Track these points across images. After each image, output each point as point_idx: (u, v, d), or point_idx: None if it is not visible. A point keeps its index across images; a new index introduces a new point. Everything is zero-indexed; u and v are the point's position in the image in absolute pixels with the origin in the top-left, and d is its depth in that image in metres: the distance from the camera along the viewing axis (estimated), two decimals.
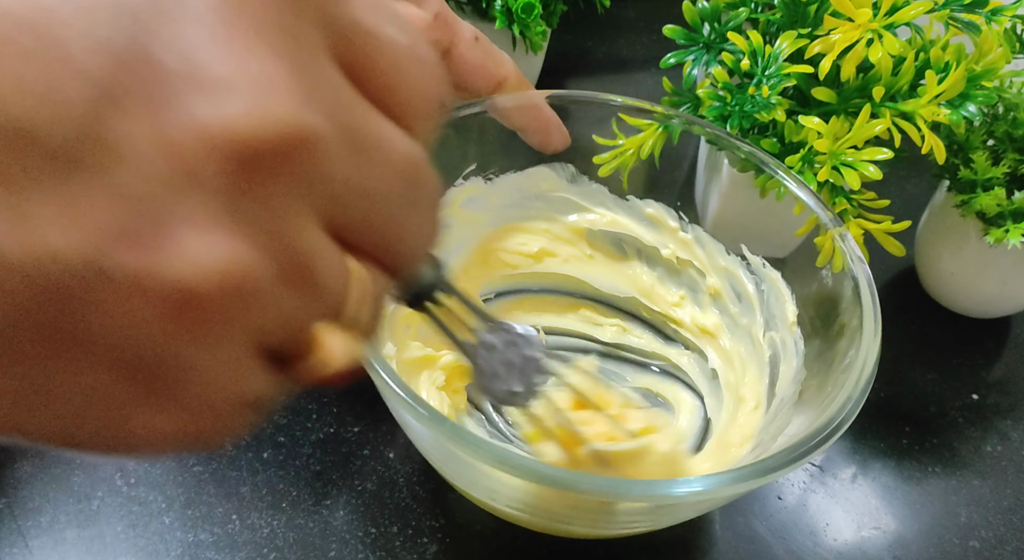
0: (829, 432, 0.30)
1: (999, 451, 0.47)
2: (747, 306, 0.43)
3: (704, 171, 0.46)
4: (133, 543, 0.38)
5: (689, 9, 0.45)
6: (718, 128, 0.42)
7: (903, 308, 0.54)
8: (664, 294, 0.47)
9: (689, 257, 0.46)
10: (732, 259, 0.44)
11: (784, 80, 0.41)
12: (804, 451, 0.29)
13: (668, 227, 0.46)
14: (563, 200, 0.46)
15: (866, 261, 0.36)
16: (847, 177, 0.39)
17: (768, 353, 0.41)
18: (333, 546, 0.39)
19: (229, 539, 0.38)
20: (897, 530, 0.43)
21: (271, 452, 0.42)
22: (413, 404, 0.29)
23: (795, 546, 0.41)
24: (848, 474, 0.45)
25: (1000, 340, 0.53)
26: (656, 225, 0.46)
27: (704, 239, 0.45)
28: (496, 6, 0.56)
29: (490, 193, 0.45)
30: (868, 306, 0.34)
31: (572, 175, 0.46)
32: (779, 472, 0.28)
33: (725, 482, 0.28)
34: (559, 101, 0.42)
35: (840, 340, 0.35)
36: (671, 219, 0.46)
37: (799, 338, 0.39)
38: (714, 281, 0.45)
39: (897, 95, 0.41)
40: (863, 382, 0.31)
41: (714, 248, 0.45)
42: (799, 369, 0.38)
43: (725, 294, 0.45)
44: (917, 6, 0.39)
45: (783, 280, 0.41)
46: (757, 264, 0.43)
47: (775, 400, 0.39)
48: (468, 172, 0.44)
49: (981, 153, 0.45)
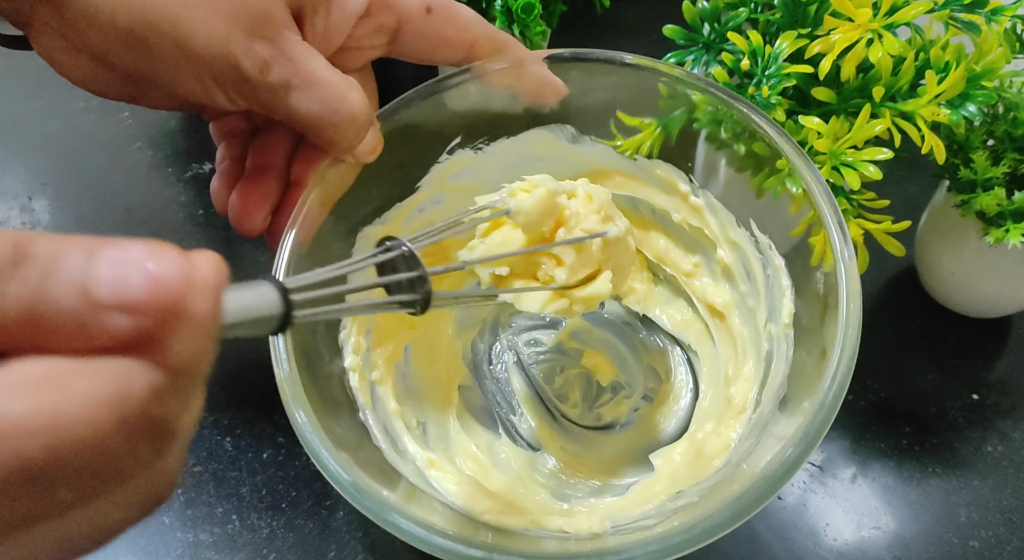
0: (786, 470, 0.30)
1: (999, 451, 0.47)
2: (754, 287, 0.42)
3: (701, 173, 0.46)
4: (133, 543, 0.38)
5: (689, 9, 0.45)
6: (738, 96, 0.40)
7: (903, 308, 0.54)
8: (678, 260, 0.46)
9: (700, 225, 0.44)
10: (742, 233, 0.42)
11: (784, 80, 0.41)
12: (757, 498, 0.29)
13: (679, 191, 0.44)
14: (567, 160, 0.44)
15: (856, 258, 0.35)
16: (847, 177, 0.39)
17: (765, 348, 0.41)
18: (333, 546, 0.39)
19: (229, 539, 0.38)
20: (897, 530, 0.43)
21: (271, 452, 0.42)
22: None
23: (795, 546, 0.41)
24: (848, 474, 0.45)
25: (1000, 340, 0.53)
26: (667, 187, 0.45)
27: (715, 206, 0.43)
28: (496, 6, 0.56)
29: (483, 162, 0.43)
30: (854, 311, 0.33)
31: (572, 135, 0.44)
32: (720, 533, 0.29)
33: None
34: (555, 63, 0.40)
35: (820, 351, 0.35)
36: (682, 182, 0.44)
37: (791, 342, 0.38)
38: (725, 254, 0.43)
39: (897, 95, 0.41)
40: (834, 390, 0.31)
41: (725, 217, 0.43)
42: (783, 381, 0.37)
43: (735, 270, 0.43)
44: (917, 6, 0.39)
45: (786, 269, 0.40)
46: (764, 244, 0.41)
47: (759, 409, 0.38)
48: (453, 146, 0.42)
49: (981, 153, 0.45)
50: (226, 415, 0.43)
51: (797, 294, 0.39)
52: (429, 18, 0.37)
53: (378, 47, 0.38)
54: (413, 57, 0.39)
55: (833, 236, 0.35)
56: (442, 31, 0.37)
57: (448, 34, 0.38)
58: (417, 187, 0.42)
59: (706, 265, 0.45)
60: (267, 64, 0.32)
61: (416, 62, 0.39)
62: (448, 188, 0.44)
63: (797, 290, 0.39)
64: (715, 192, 0.43)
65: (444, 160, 0.43)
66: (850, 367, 0.31)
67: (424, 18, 0.37)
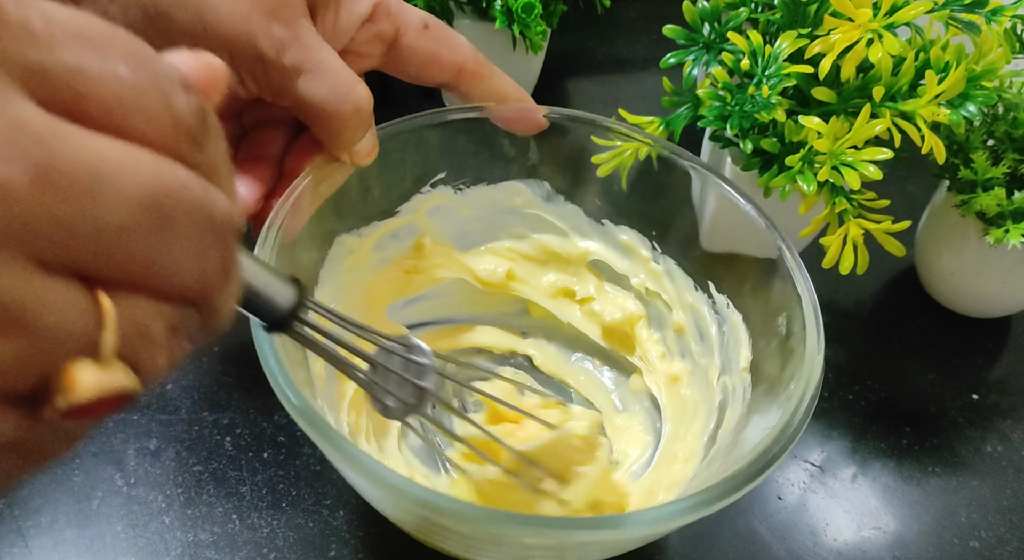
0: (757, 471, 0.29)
1: (999, 451, 0.47)
2: (708, 347, 0.42)
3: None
4: (133, 543, 0.38)
5: (689, 9, 0.45)
6: (703, 164, 0.41)
7: (903, 308, 0.54)
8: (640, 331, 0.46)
9: (658, 289, 0.45)
10: (699, 296, 0.43)
11: (784, 80, 0.41)
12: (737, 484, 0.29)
13: (640, 256, 0.45)
14: (537, 218, 0.45)
15: (851, 269, 0.35)
16: (847, 177, 0.39)
17: (718, 398, 0.40)
18: (333, 546, 0.39)
19: (229, 539, 0.38)
20: (897, 530, 0.43)
21: (271, 452, 0.42)
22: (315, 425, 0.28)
23: (795, 546, 0.41)
24: (848, 474, 0.45)
25: (1000, 340, 0.53)
26: (629, 252, 0.45)
27: (674, 272, 0.44)
28: (496, 6, 0.56)
29: (460, 204, 0.44)
30: (812, 329, 0.34)
31: (547, 193, 0.45)
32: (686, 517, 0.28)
33: (672, 514, 0.28)
34: (553, 119, 0.41)
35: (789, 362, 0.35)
36: (644, 248, 0.45)
37: (748, 385, 0.38)
38: (680, 317, 0.44)
39: (897, 95, 0.41)
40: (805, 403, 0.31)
41: (683, 282, 0.44)
42: (741, 417, 0.37)
43: (689, 332, 0.44)
44: (917, 6, 0.39)
45: (743, 324, 0.40)
46: (722, 304, 0.41)
47: (713, 448, 0.38)
48: (437, 180, 0.43)
49: (981, 153, 0.45)
50: (226, 415, 0.43)
51: (756, 338, 0.39)
52: (424, 34, 0.38)
53: (374, 57, 0.38)
54: (404, 72, 0.39)
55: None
56: (435, 49, 0.38)
57: (440, 53, 0.39)
58: (397, 211, 0.43)
59: (660, 335, 0.46)
60: (283, 46, 0.33)
61: (405, 79, 0.40)
62: (423, 222, 0.44)
63: (756, 335, 0.39)
64: (711, 208, 0.44)
65: (426, 191, 0.43)
66: None
67: (420, 33, 0.38)
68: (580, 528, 0.27)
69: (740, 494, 0.28)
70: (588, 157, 0.43)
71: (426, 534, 0.34)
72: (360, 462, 0.27)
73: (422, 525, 0.32)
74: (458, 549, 0.33)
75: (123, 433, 0.42)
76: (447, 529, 0.30)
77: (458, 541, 0.32)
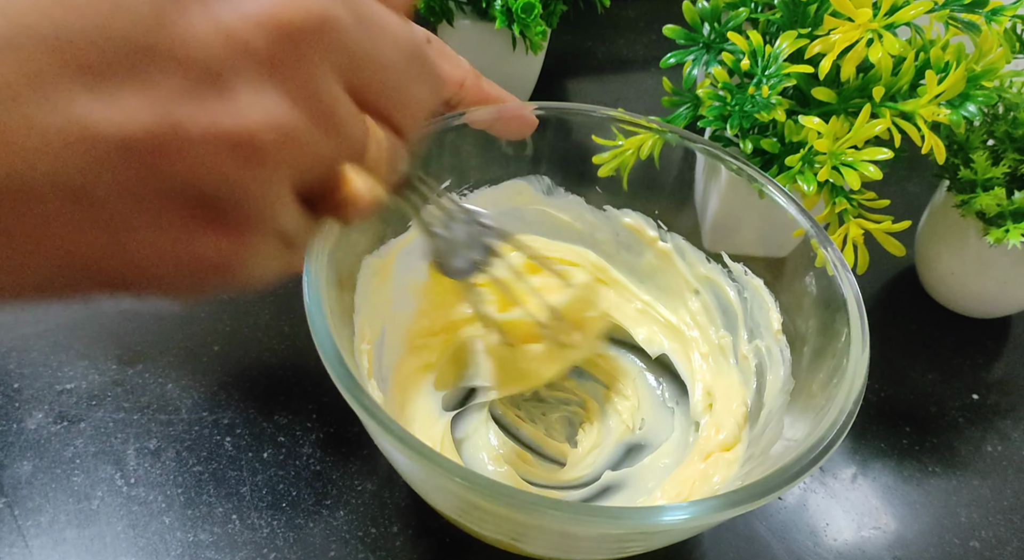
0: (824, 448, 0.29)
1: (999, 451, 0.47)
2: (731, 318, 0.43)
3: (703, 171, 0.46)
4: (133, 543, 0.38)
5: (689, 9, 0.45)
6: (710, 143, 0.41)
7: (903, 308, 0.54)
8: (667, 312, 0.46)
9: (669, 268, 0.45)
10: (713, 267, 0.43)
11: (784, 80, 0.41)
12: (797, 471, 0.28)
13: (647, 237, 0.45)
14: (542, 213, 0.46)
15: (851, 268, 0.36)
16: (847, 177, 0.39)
17: (754, 363, 0.41)
18: (333, 546, 0.39)
19: (229, 539, 0.38)
20: (897, 530, 0.43)
21: (271, 452, 0.42)
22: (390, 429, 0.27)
23: (795, 546, 0.41)
24: (848, 474, 0.45)
25: (1000, 340, 0.53)
26: (634, 235, 0.46)
27: (684, 248, 0.44)
28: (496, 6, 0.56)
29: None
30: (855, 317, 0.34)
31: (548, 187, 0.45)
32: (771, 495, 0.28)
33: (712, 509, 0.27)
34: (547, 114, 0.41)
35: (830, 346, 0.35)
36: (650, 228, 0.45)
37: (785, 346, 0.39)
38: (696, 291, 0.44)
39: (897, 95, 0.41)
40: (855, 393, 0.31)
41: (694, 256, 0.44)
42: (787, 378, 0.38)
43: (709, 305, 0.44)
44: (917, 6, 0.39)
45: (766, 288, 0.41)
46: (738, 271, 0.42)
47: (763, 411, 0.38)
48: (444, 187, 0.43)
49: (981, 153, 0.45)
50: (226, 415, 0.43)
51: (797, 298, 0.39)
52: (427, 48, 0.38)
53: None
54: None
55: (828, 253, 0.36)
56: (439, 64, 0.39)
57: (443, 67, 0.39)
58: (409, 225, 0.42)
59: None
60: None
61: None
62: None
63: (798, 292, 0.39)
64: (718, 191, 0.44)
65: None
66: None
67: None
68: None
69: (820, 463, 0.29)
70: (587, 149, 0.43)
71: (468, 520, 0.34)
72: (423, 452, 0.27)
73: (466, 509, 0.33)
74: (502, 534, 0.34)
75: (123, 433, 0.42)
76: (486, 512, 0.30)
77: (499, 525, 0.32)
